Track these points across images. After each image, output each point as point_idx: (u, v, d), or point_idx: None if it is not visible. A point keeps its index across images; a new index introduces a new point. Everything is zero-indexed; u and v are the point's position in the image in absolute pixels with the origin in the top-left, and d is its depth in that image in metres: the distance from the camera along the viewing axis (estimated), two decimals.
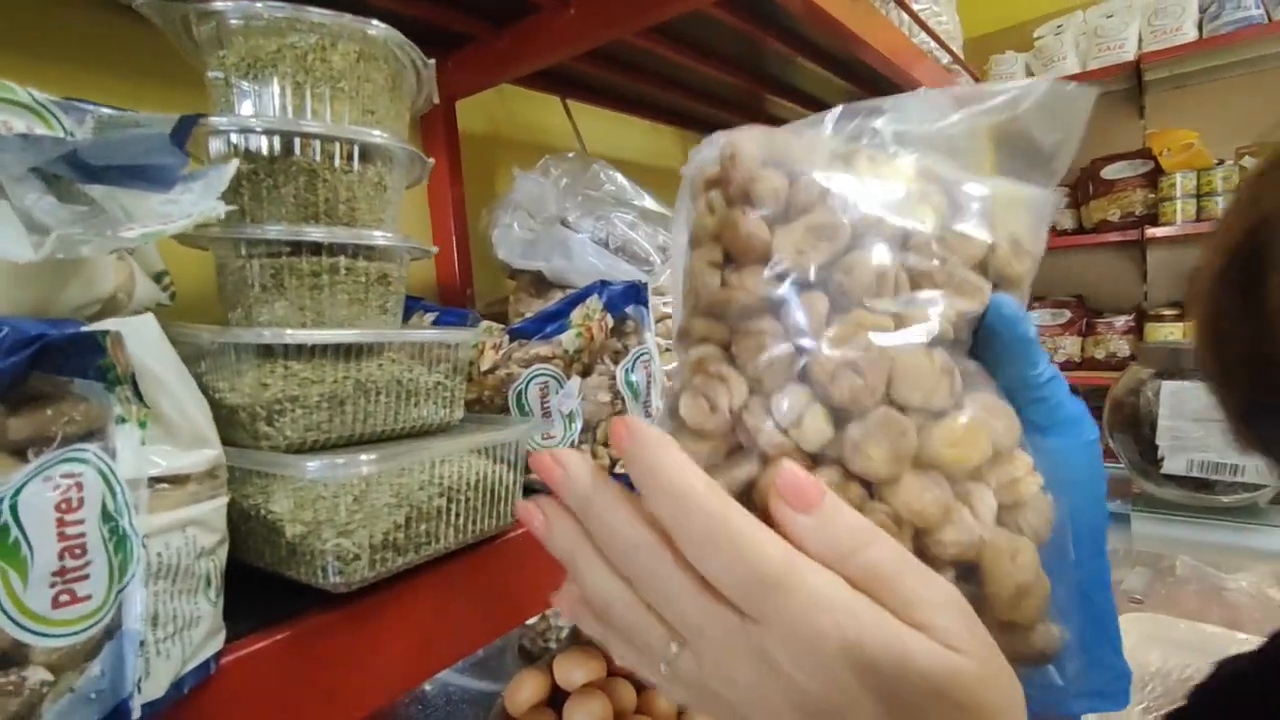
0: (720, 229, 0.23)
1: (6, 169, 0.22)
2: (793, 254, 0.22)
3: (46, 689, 0.18)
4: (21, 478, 0.19)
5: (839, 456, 0.21)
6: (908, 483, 0.21)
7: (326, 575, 0.26)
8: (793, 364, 0.22)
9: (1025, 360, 0.24)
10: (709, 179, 0.24)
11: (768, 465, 0.21)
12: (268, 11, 0.29)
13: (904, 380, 0.21)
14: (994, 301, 0.24)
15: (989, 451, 0.22)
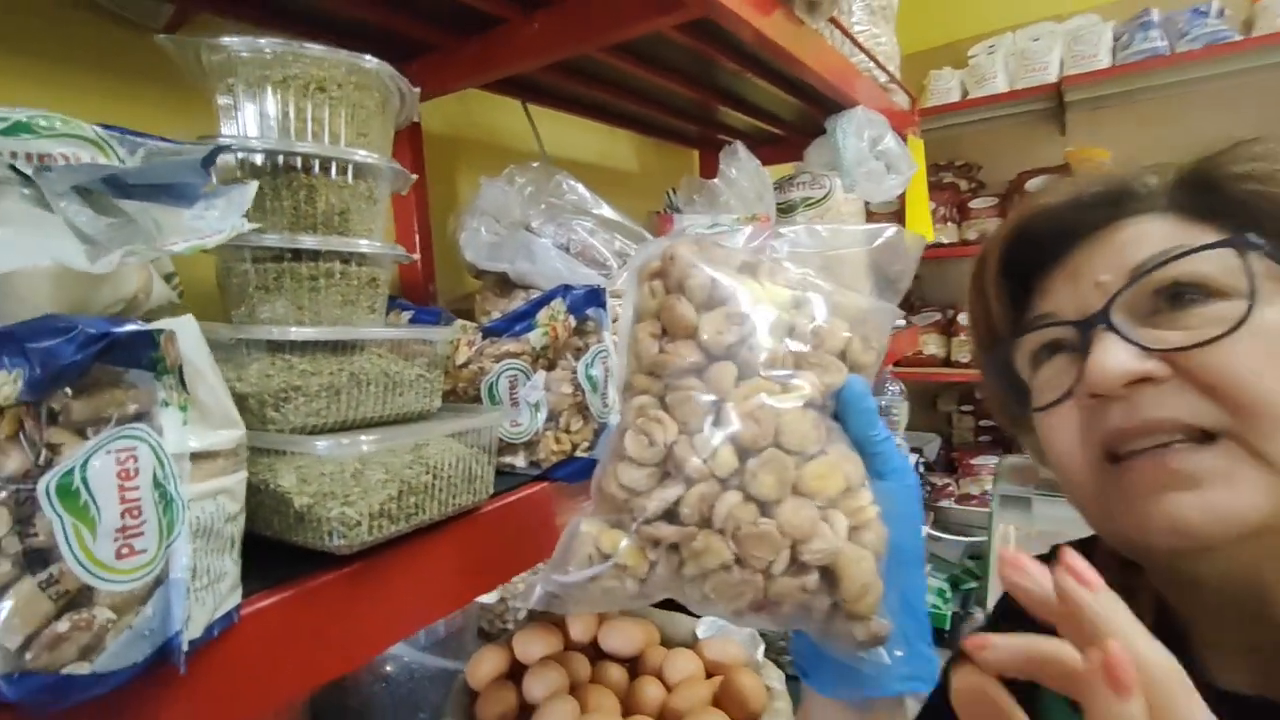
0: (660, 310, 0.31)
1: (52, 187, 0.25)
2: (713, 333, 0.30)
3: (110, 625, 0.22)
4: (87, 450, 0.22)
5: (740, 483, 0.28)
6: (788, 504, 0.28)
7: (331, 539, 0.30)
8: (709, 413, 0.29)
9: (867, 424, 0.32)
10: (651, 270, 0.32)
11: (690, 486, 0.28)
12: (270, 48, 0.33)
13: (787, 430, 0.29)
14: (848, 381, 0.32)
15: (844, 485, 0.29)
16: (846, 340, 0.32)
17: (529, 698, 0.65)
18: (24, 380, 0.21)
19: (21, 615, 0.21)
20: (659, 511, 0.29)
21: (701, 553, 0.28)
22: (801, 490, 0.29)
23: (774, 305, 0.31)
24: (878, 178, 1.10)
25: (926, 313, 2.31)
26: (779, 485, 0.28)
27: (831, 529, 0.28)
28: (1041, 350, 0.39)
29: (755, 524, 0.28)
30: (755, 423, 0.28)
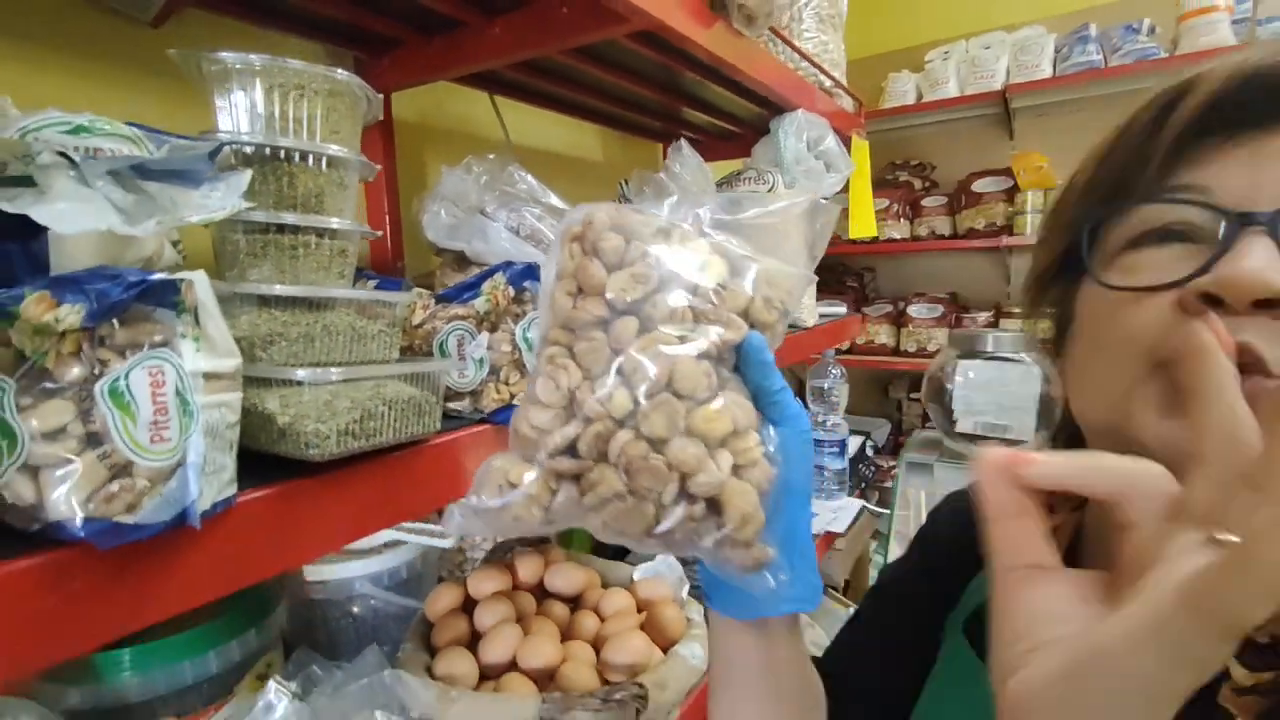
0: (576, 270, 0.34)
1: (92, 170, 0.33)
2: (619, 290, 0.33)
3: (146, 490, 0.31)
4: (129, 365, 0.31)
5: (635, 424, 0.31)
6: (677, 442, 0.31)
7: (307, 450, 0.38)
8: (611, 361, 0.32)
9: (763, 376, 0.34)
10: (573, 234, 0.36)
11: (588, 424, 0.31)
12: (260, 62, 0.41)
13: (680, 377, 0.32)
14: (748, 336, 0.34)
15: (730, 428, 0.32)
16: (749, 300, 0.35)
17: (479, 626, 0.74)
18: (85, 312, 0.30)
19: (86, 477, 0.29)
20: (561, 447, 0.31)
21: (597, 483, 0.31)
22: (691, 430, 0.31)
23: (680, 267, 0.34)
24: (817, 175, 1.20)
25: (879, 304, 2.43)
26: (669, 425, 0.31)
27: (717, 465, 0.31)
28: (1154, 232, 0.34)
29: (645, 458, 0.30)
30: (650, 370, 0.31)
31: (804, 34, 1.34)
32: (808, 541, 0.37)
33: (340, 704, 0.61)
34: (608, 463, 0.31)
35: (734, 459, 0.32)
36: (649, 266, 0.33)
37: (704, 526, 0.32)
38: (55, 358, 0.29)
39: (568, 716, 0.58)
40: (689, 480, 0.31)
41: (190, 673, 0.62)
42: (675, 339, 0.32)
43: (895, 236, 2.31)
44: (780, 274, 0.37)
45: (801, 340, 1.25)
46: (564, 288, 0.35)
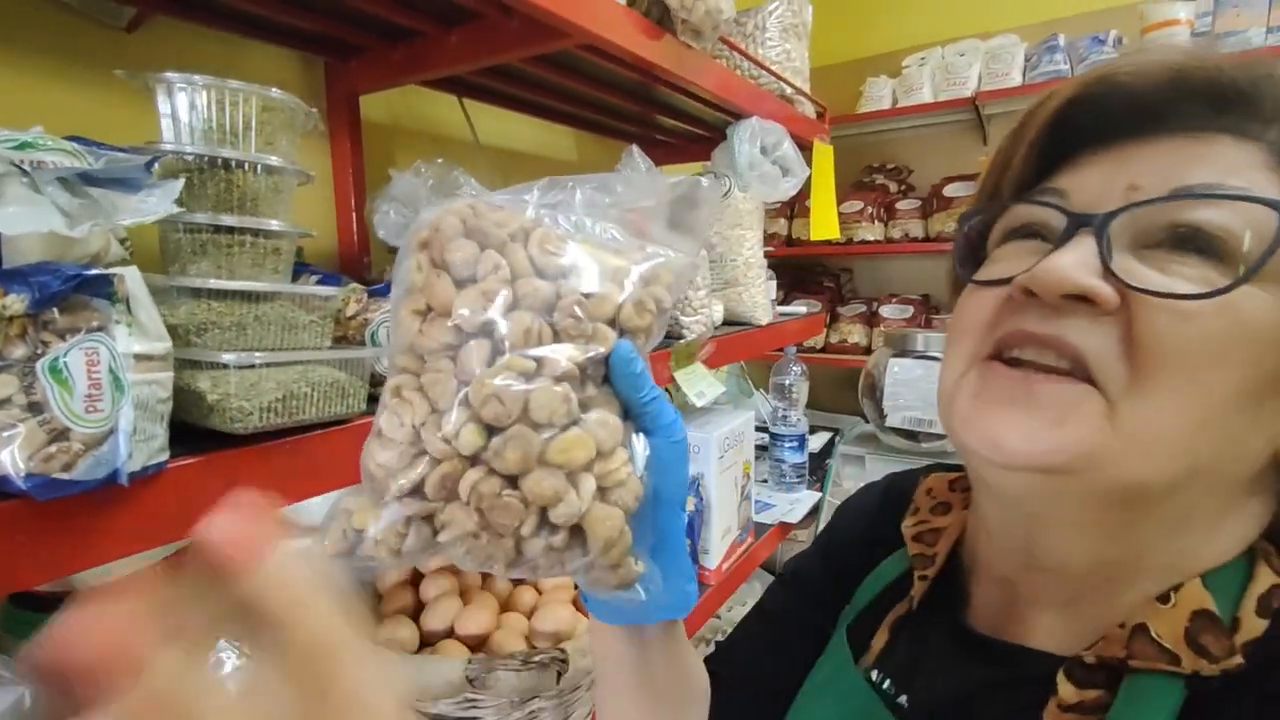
0: (423, 286, 0.31)
1: (42, 178, 0.39)
2: (468, 311, 0.30)
3: (80, 453, 0.36)
4: (67, 347, 0.36)
5: (487, 460, 0.29)
6: (533, 476, 0.29)
7: (232, 424, 0.44)
8: (458, 393, 0.29)
9: (633, 388, 0.32)
10: (420, 241, 0.31)
11: (435, 465, 0.29)
12: (203, 82, 0.46)
13: (536, 406, 0.29)
14: (616, 347, 0.31)
15: (594, 453, 0.30)
16: (617, 306, 0.32)
17: (423, 598, 0.80)
18: (28, 300, 0.35)
19: (28, 439, 0.35)
20: (407, 490, 0.29)
21: (448, 524, 0.29)
22: (548, 461, 0.29)
23: (538, 276, 0.31)
24: (771, 180, 1.25)
25: (854, 304, 2.49)
26: (523, 460, 0.28)
27: (578, 493, 0.29)
28: (1022, 228, 0.36)
29: (499, 495, 0.29)
30: (500, 402, 0.28)
31: (767, 42, 1.39)
32: (680, 550, 0.36)
33: None
34: (459, 501, 0.29)
35: (598, 482, 0.30)
36: (501, 281, 0.31)
37: (568, 554, 0.30)
38: (3, 339, 0.35)
39: (491, 676, 0.64)
40: (549, 512, 0.29)
41: None
42: (530, 364, 0.30)
43: (869, 239, 2.36)
44: (660, 267, 0.34)
45: (757, 337, 1.30)
46: (410, 306, 0.31)
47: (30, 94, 0.73)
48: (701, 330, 1.03)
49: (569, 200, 0.34)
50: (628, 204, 0.35)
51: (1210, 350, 0.29)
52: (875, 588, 0.49)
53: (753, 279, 1.28)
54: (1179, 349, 0.29)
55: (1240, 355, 0.29)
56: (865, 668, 0.44)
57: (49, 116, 0.74)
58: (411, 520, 0.29)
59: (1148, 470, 0.30)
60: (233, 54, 0.91)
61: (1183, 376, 0.29)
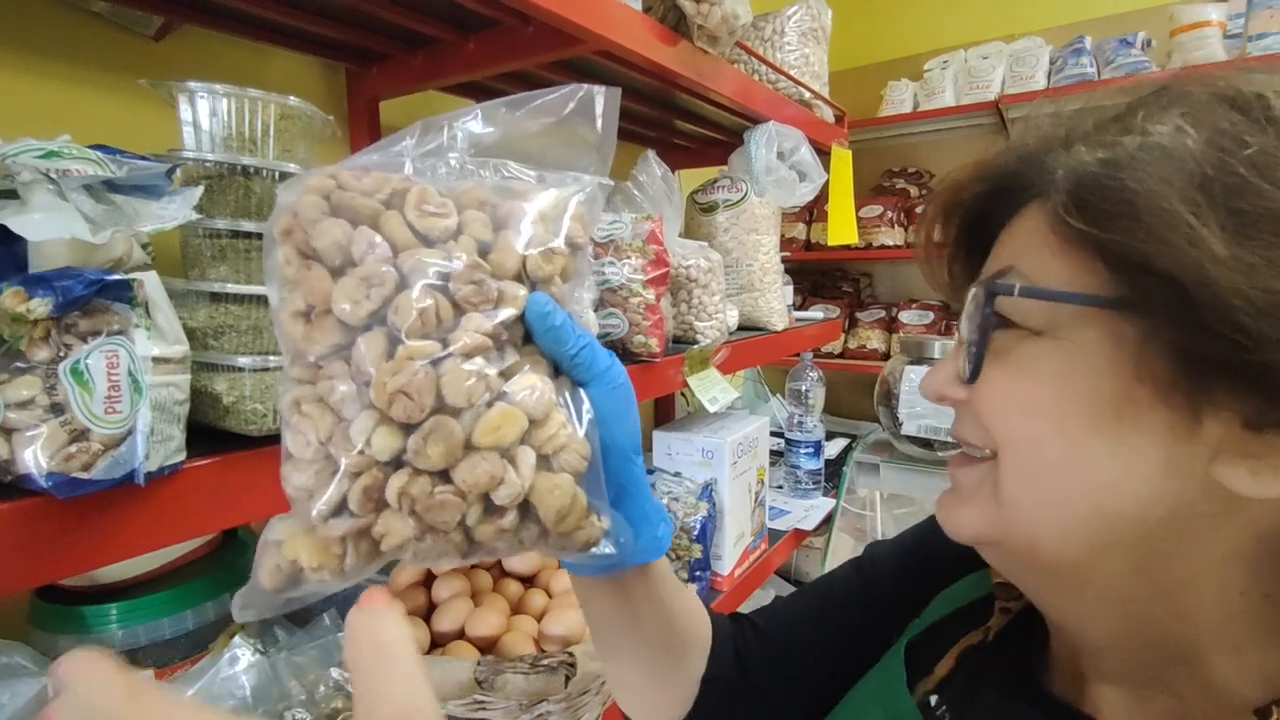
0: (297, 282, 0.27)
1: (68, 185, 0.40)
2: (349, 304, 0.26)
3: (99, 453, 0.37)
4: (88, 349, 0.37)
5: (410, 460, 0.26)
6: (464, 465, 0.26)
7: (247, 425, 0.45)
8: (360, 396, 0.26)
9: (556, 342, 0.30)
10: (282, 229, 0.27)
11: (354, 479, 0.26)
12: (222, 89, 0.47)
13: (449, 391, 0.26)
14: (529, 302, 0.29)
15: (525, 424, 0.27)
16: (521, 259, 0.29)
17: (436, 599, 0.81)
18: (52, 304, 0.36)
19: (50, 439, 0.36)
20: (328, 512, 0.26)
21: (385, 534, 0.26)
22: (477, 445, 0.26)
23: (424, 245, 0.28)
24: (788, 185, 1.25)
25: (873, 309, 2.46)
26: (447, 452, 0.26)
27: (517, 472, 0.27)
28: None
29: (432, 495, 0.26)
30: (409, 396, 0.26)
31: (786, 47, 1.39)
32: (644, 495, 0.36)
33: (298, 659, 0.67)
34: (388, 510, 0.26)
35: (538, 452, 0.28)
36: (382, 260, 0.27)
37: (523, 532, 0.28)
38: (28, 342, 0.36)
39: (500, 678, 0.64)
40: (491, 496, 0.27)
41: (169, 629, 0.69)
42: (435, 346, 0.26)
43: (888, 243, 2.34)
44: (559, 200, 0.31)
45: (773, 342, 1.30)
46: (290, 307, 0.27)
47: (61, 100, 0.75)
48: (716, 336, 1.03)
49: (450, 143, 0.31)
50: (516, 134, 0.32)
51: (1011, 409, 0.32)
52: (947, 607, 0.47)
53: (769, 284, 1.27)
54: (993, 422, 0.33)
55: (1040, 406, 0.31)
56: (924, 691, 0.42)
57: (80, 123, 0.76)
58: (346, 539, 0.26)
59: (1039, 533, 0.32)
60: (258, 61, 0.93)
61: (1010, 440, 0.32)
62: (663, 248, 0.88)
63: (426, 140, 0.30)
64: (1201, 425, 0.27)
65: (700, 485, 1.10)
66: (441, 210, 0.28)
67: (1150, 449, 0.28)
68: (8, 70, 0.71)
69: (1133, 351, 0.28)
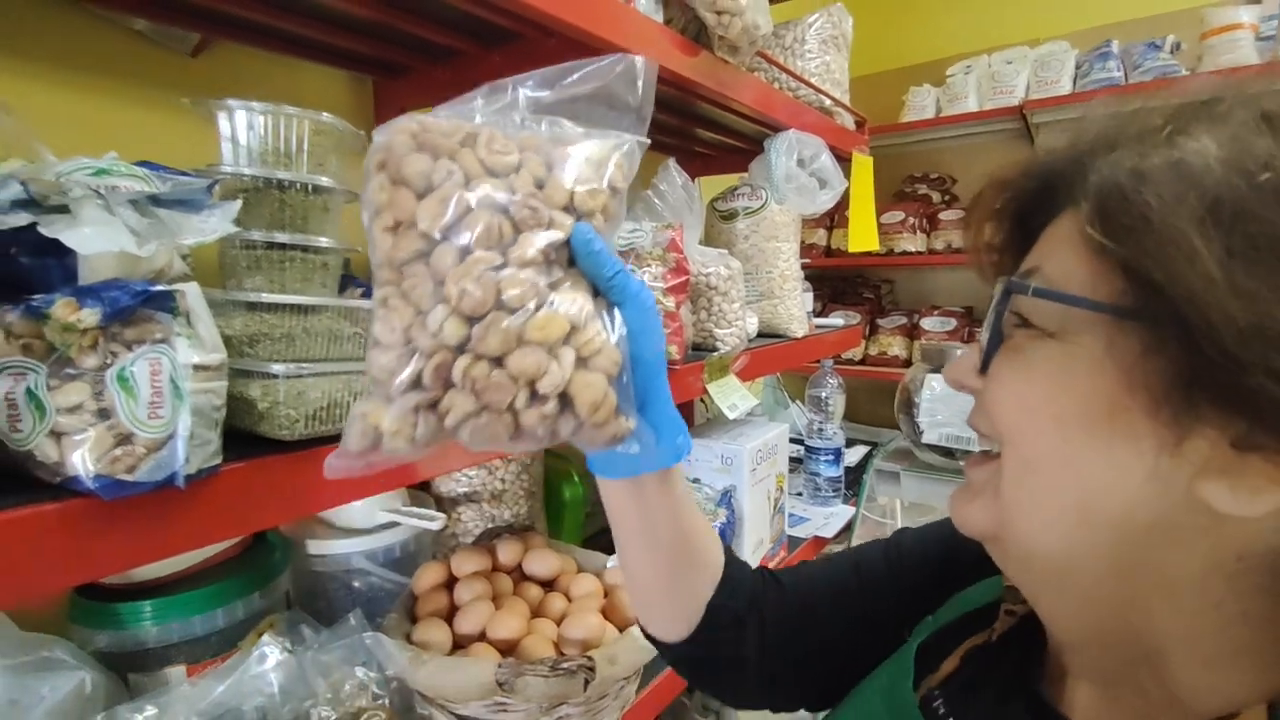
0: (388, 203, 0.34)
1: (115, 200, 0.42)
2: (430, 220, 0.33)
3: (142, 456, 0.39)
4: (133, 357, 0.39)
5: (472, 347, 0.32)
6: (515, 355, 0.32)
7: (280, 430, 0.46)
8: (436, 293, 0.33)
9: (596, 266, 0.35)
10: (378, 163, 0.34)
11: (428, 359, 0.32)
12: (259, 107, 0.49)
13: (506, 293, 0.32)
14: (575, 230, 0.35)
15: (567, 328, 0.34)
16: (569, 193, 0.35)
17: (458, 601, 0.82)
18: (100, 314, 0.38)
19: (97, 443, 0.37)
20: (408, 384, 0.32)
21: (451, 408, 0.32)
22: (527, 340, 0.33)
23: (491, 177, 0.34)
24: (809, 192, 1.25)
25: (894, 315, 2.44)
26: (504, 341, 0.32)
27: (559, 364, 0.33)
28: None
29: (489, 376, 0.32)
30: (475, 294, 0.32)
31: (806, 54, 1.39)
32: (667, 405, 0.40)
33: (324, 658, 0.69)
34: (454, 389, 0.32)
35: (577, 353, 0.34)
36: (457, 185, 0.33)
37: (561, 421, 0.34)
38: (77, 349, 0.38)
39: (520, 680, 0.65)
40: (535, 384, 0.33)
41: (200, 626, 0.71)
42: (496, 257, 0.33)
43: (910, 250, 2.32)
44: (603, 151, 0.37)
45: (793, 349, 1.30)
46: (381, 224, 0.34)
47: (104, 115, 0.78)
48: (735, 343, 1.04)
49: (513, 102, 0.37)
50: (567, 96, 0.38)
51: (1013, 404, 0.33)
52: (958, 610, 0.48)
53: (789, 291, 1.27)
54: (996, 414, 0.34)
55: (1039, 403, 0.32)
56: (929, 688, 0.44)
57: (120, 137, 0.79)
58: (419, 410, 0.32)
59: (1029, 526, 0.33)
60: (290, 75, 0.96)
61: (1010, 434, 0.33)
62: (683, 255, 0.89)
63: (493, 99, 0.37)
64: (1188, 441, 0.28)
65: (719, 492, 1.10)
66: (505, 150, 0.34)
67: (1138, 458, 0.29)
68: (53, 86, 0.74)
69: (1131, 362, 0.29)
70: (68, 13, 0.74)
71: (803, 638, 0.53)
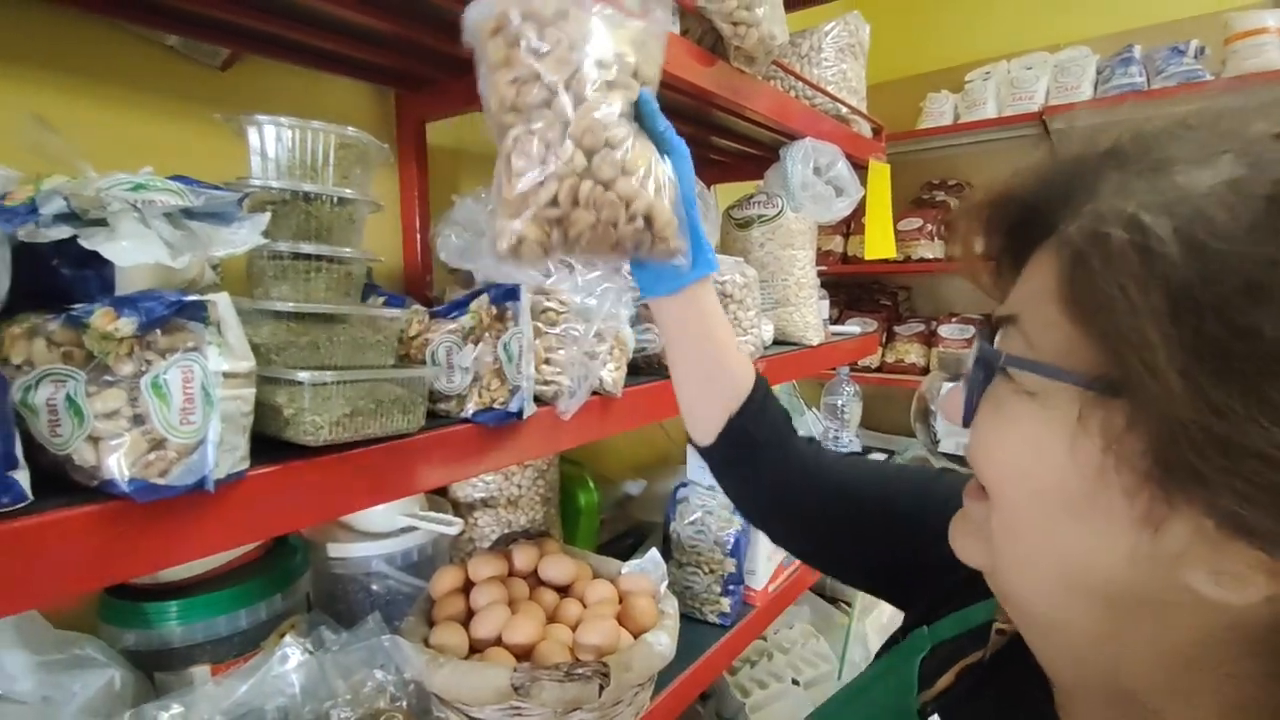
0: (508, 61, 0.43)
1: (150, 214, 0.44)
2: (551, 73, 0.42)
3: (174, 461, 0.40)
4: (167, 365, 0.40)
5: (591, 174, 0.43)
6: (620, 181, 0.44)
7: (304, 436, 0.48)
8: (563, 131, 0.43)
9: (655, 122, 0.47)
10: (490, 29, 0.43)
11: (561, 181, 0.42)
12: (287, 121, 0.51)
13: (611, 134, 0.43)
14: (641, 93, 0.46)
15: (649, 162, 0.45)
16: (635, 63, 0.46)
17: (474, 606, 0.83)
18: (137, 323, 0.39)
19: (132, 447, 0.39)
20: (544, 201, 0.42)
21: (575, 221, 0.43)
22: (626, 170, 0.44)
23: (589, 43, 0.43)
24: (825, 200, 1.25)
25: (911, 323, 2.43)
26: (612, 170, 0.43)
27: (646, 191, 0.44)
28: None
29: (604, 196, 0.43)
30: (593, 132, 0.42)
31: (823, 63, 1.39)
32: (699, 230, 0.50)
33: (344, 660, 0.70)
34: (578, 206, 0.43)
35: (654, 183, 0.44)
36: (568, 49, 0.43)
37: (643, 235, 0.45)
38: (114, 357, 0.39)
39: (535, 685, 0.66)
40: (630, 206, 0.44)
41: (224, 626, 0.73)
42: (602, 104, 0.43)
43: (928, 256, 2.31)
44: (648, 33, 0.48)
45: (809, 357, 1.30)
46: (504, 78, 0.43)
47: (133, 128, 0.81)
48: (751, 350, 1.04)
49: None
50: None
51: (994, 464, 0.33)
52: (957, 628, 0.48)
53: (804, 299, 1.27)
54: (980, 470, 0.34)
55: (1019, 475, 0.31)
56: (924, 703, 0.44)
57: (152, 148, 0.82)
58: (550, 223, 0.43)
59: (1014, 582, 0.33)
60: (314, 87, 0.98)
61: (993, 493, 0.33)
62: None
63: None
64: (1169, 525, 0.26)
65: None
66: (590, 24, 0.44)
67: (1119, 535, 0.28)
68: (90, 100, 0.77)
69: (1110, 438, 0.27)
70: (105, 30, 0.77)
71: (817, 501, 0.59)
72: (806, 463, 0.60)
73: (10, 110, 0.71)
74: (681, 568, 1.13)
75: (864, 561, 0.59)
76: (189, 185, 0.43)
